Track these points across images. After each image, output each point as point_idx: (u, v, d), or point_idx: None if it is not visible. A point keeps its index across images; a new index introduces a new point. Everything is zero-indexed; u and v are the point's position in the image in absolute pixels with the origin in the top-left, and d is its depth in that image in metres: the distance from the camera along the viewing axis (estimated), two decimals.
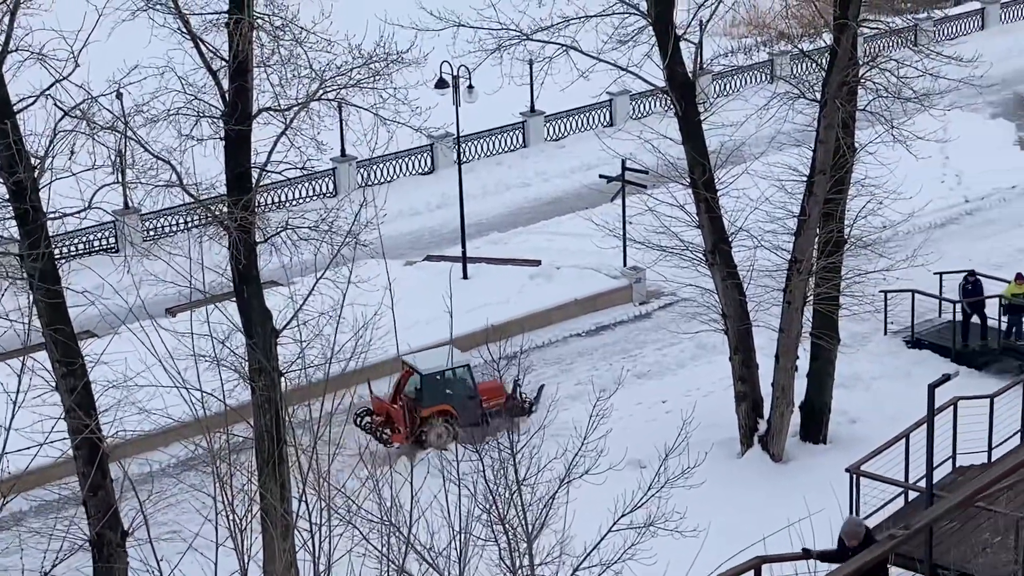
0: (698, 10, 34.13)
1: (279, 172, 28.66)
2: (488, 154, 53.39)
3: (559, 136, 55.00)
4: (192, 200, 27.89)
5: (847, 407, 35.65)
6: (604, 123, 55.14)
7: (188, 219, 42.93)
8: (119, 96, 28.81)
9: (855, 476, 26.47)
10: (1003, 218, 47.88)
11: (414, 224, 48.84)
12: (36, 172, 25.55)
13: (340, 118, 36.00)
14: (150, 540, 14.69)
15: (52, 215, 26.28)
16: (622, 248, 42.94)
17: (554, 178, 52.23)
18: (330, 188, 49.76)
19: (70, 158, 26.06)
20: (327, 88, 27.73)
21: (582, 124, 55.29)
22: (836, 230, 33.64)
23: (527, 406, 36.73)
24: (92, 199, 26.21)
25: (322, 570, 13.96)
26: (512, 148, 53.99)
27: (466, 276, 43.70)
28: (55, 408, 23.54)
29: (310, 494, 14.18)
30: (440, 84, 43.70)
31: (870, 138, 34.53)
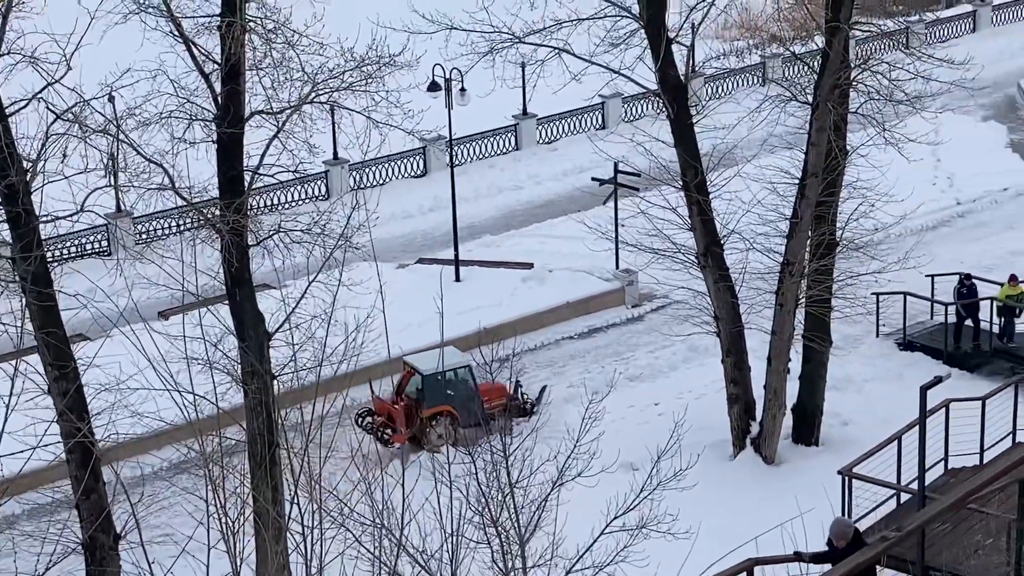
0: (690, 13, 34.16)
1: (271, 175, 28.69)
2: (480, 157, 53.40)
3: (551, 139, 55.01)
4: (184, 203, 27.90)
5: (839, 409, 35.65)
6: (596, 126, 55.19)
7: (180, 222, 42.83)
8: (111, 99, 28.78)
9: (847, 478, 26.49)
10: (994, 220, 47.93)
11: (406, 227, 48.86)
12: (28, 175, 25.55)
13: (332, 121, 36.02)
14: (142, 543, 14.69)
15: (44, 218, 26.26)
16: (614, 251, 42.97)
17: (546, 181, 52.24)
18: (322, 191, 49.78)
19: (62, 161, 26.05)
20: (319, 91, 27.75)
21: (574, 127, 55.32)
22: (828, 232, 33.66)
23: (528, 407, 36.75)
24: (84, 202, 26.24)
25: (314, 572, 13.95)
26: (504, 151, 54.00)
27: (458, 279, 43.69)
28: (48, 411, 23.50)
29: (302, 497, 14.19)
30: (432, 87, 43.72)
31: (862, 141, 34.58)
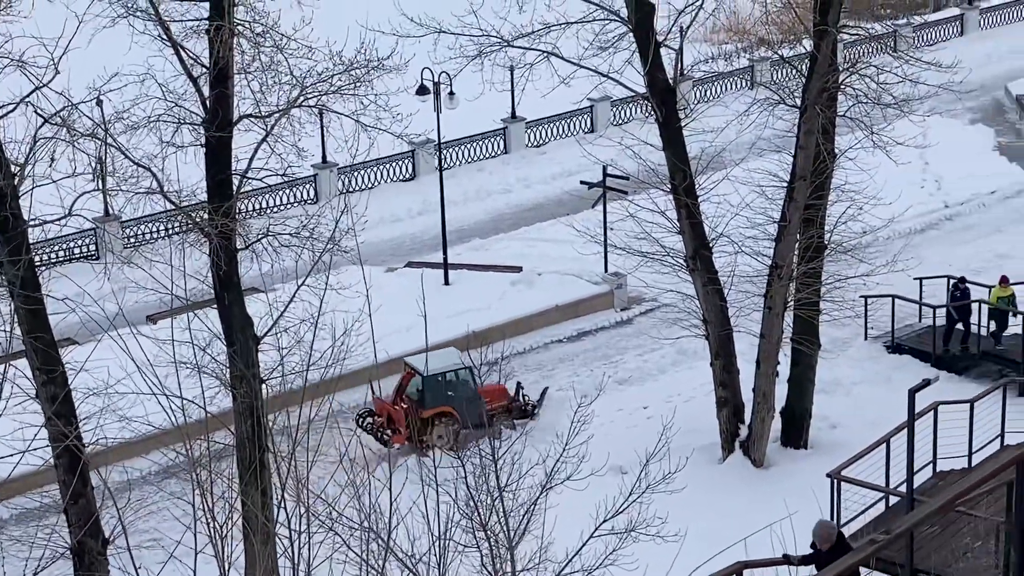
0: (678, 16, 34.19)
1: (260, 179, 28.65)
2: (469, 160, 53.38)
3: (540, 142, 55.00)
4: (173, 207, 27.86)
5: (828, 412, 35.67)
6: (585, 129, 55.20)
7: (169, 226, 42.84)
8: (99, 103, 28.76)
9: (836, 481, 26.50)
10: (982, 223, 48.02)
11: (395, 231, 48.84)
12: (16, 179, 25.49)
13: (321, 124, 35.97)
14: (129, 548, 14.68)
15: (32, 222, 26.22)
16: (603, 254, 42.97)
17: (535, 184, 52.24)
18: (311, 195, 49.74)
19: (50, 165, 26.00)
20: (308, 95, 27.73)
21: (563, 130, 55.31)
22: (816, 236, 33.69)
23: (530, 408, 36.72)
24: (72, 206, 26.19)
25: None
26: (493, 154, 53.99)
27: (447, 282, 43.69)
28: (36, 416, 23.48)
29: (290, 500, 14.17)
30: (421, 90, 43.70)
31: (850, 144, 34.60)
